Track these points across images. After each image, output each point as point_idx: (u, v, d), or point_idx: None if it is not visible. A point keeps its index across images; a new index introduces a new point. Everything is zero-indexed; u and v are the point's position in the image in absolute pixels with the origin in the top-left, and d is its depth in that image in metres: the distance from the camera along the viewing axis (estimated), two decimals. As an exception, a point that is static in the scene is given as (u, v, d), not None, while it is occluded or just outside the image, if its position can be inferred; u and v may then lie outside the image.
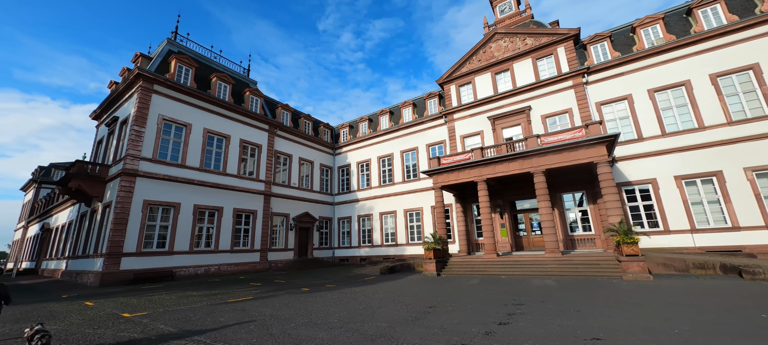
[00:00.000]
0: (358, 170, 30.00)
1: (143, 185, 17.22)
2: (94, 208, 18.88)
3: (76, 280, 17.94)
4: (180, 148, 19.30)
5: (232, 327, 6.68)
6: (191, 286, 14.68)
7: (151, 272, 16.53)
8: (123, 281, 15.66)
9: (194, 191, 19.42)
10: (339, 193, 30.91)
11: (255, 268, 21.95)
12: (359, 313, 7.71)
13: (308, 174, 28.92)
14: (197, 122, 20.34)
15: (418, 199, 25.38)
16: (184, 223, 18.58)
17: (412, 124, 26.92)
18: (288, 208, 25.87)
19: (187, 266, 18.32)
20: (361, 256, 27.56)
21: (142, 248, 16.66)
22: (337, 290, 12.09)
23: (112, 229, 15.77)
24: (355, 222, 28.79)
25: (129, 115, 18.27)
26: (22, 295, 12.95)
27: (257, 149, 24.04)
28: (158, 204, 17.72)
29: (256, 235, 22.55)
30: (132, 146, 17.05)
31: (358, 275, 17.61)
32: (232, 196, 21.53)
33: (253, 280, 16.89)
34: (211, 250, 19.67)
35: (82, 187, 17.34)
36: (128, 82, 18.61)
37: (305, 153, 28.89)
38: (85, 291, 13.70)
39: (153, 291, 13.04)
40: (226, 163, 21.54)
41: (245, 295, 11.46)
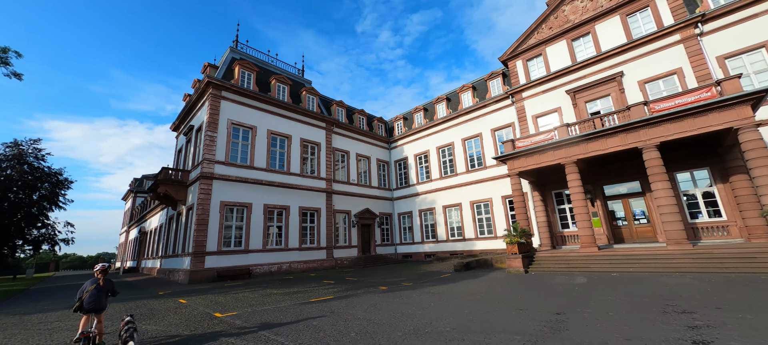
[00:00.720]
0: (416, 163, 28.71)
1: (219, 187, 18.01)
2: (179, 211, 20.40)
3: (169, 278, 19.56)
4: (248, 150, 19.94)
5: (329, 333, 5.87)
6: (268, 283, 14.80)
7: (232, 270, 17.19)
8: (208, 278, 16.46)
9: (263, 191, 19.93)
10: (397, 188, 29.97)
11: (322, 265, 21.98)
12: (470, 320, 6.43)
13: (366, 170, 28.45)
14: (261, 124, 20.87)
15: (485, 190, 23.26)
16: (256, 222, 19.13)
17: (473, 109, 24.81)
18: (349, 205, 25.62)
19: (262, 264, 18.82)
20: (425, 253, 26.29)
21: (221, 247, 17.42)
22: (419, 289, 10.97)
23: (195, 229, 16.67)
24: (416, 217, 27.60)
25: (202, 122, 19.30)
26: (128, 291, 14.17)
27: (316, 147, 24.11)
28: (233, 204, 18.42)
29: (321, 233, 22.59)
30: (207, 151, 17.90)
31: (431, 273, 16.36)
32: (297, 195, 21.77)
33: (324, 277, 16.63)
34: (282, 248, 20.03)
35: (168, 191, 18.77)
36: (200, 91, 19.69)
37: (362, 149, 28.45)
38: (177, 288, 14.52)
39: (236, 289, 13.28)
40: (290, 163, 21.85)
41: (325, 293, 10.92)
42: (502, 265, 16.72)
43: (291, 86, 24.10)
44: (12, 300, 13.25)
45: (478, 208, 23.71)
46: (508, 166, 17.60)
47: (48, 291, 17.04)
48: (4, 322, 8.43)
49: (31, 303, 11.94)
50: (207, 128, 18.22)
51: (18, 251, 33.00)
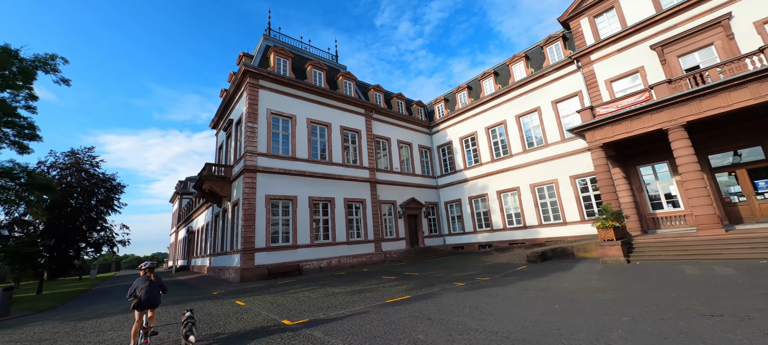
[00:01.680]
0: (462, 147, 26.39)
1: (263, 180, 17.09)
2: (224, 208, 19.90)
3: (219, 276, 19.16)
4: (288, 140, 18.88)
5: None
6: (323, 280, 13.57)
7: (281, 267, 16.25)
8: (258, 276, 15.62)
9: (307, 183, 18.82)
10: (442, 175, 27.88)
11: (371, 260, 20.62)
12: (612, 325, 4.45)
13: (408, 157, 26.65)
14: (300, 113, 19.73)
15: (548, 170, 20.56)
16: (302, 216, 18.08)
17: (527, 81, 22.02)
18: (393, 195, 24.01)
19: (311, 260, 17.77)
20: (479, 243, 24.10)
21: (270, 243, 16.52)
22: (508, 285, 9.03)
23: (243, 225, 15.86)
24: (466, 205, 25.41)
25: (241, 114, 18.48)
26: (181, 291, 13.61)
27: (356, 135, 22.66)
28: (278, 198, 17.46)
29: (367, 226, 21.20)
30: (248, 143, 17.01)
31: (500, 265, 14.29)
32: (341, 186, 20.49)
33: (380, 272, 15.15)
34: (329, 242, 18.87)
35: (213, 188, 18.21)
36: (236, 82, 18.87)
37: (402, 135, 26.64)
38: (229, 287, 13.71)
39: (291, 287, 12.13)
40: (331, 152, 20.58)
41: (396, 292, 9.33)
42: (587, 254, 14.25)
43: (327, 72, 22.77)
44: (72, 303, 13.10)
45: (540, 192, 21.06)
46: (587, 138, 14.95)
47: (106, 292, 17.11)
48: (57, 329, 7.70)
49: (89, 306, 11.52)
50: (247, 119, 17.32)
51: (82, 253, 35.23)
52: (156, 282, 5.43)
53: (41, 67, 18.66)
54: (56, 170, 32.31)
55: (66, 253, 33.08)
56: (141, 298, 5.13)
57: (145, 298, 5.17)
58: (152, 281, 5.36)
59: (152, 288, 5.29)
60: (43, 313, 10.73)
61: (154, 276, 5.48)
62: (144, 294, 5.17)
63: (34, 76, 18.44)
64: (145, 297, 5.17)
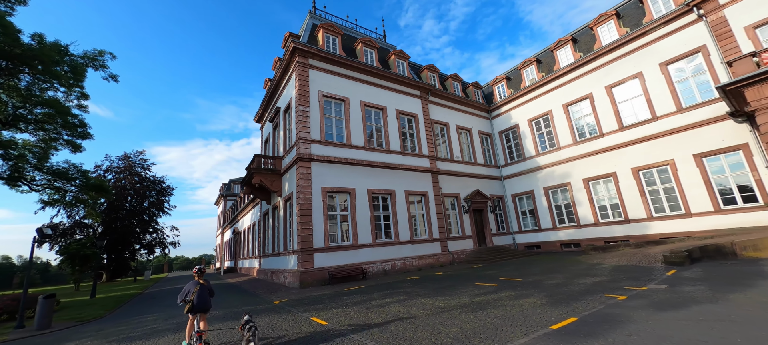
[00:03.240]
0: (532, 130, 22.71)
1: (319, 171, 14.95)
2: (275, 205, 18.13)
3: (272, 279, 17.37)
4: (343, 126, 16.65)
5: None
6: (399, 286, 10.99)
7: (343, 270, 13.95)
8: (320, 281, 13.44)
9: (365, 174, 16.45)
10: (507, 164, 24.35)
11: (439, 261, 17.79)
12: None
13: (468, 144, 23.49)
14: (353, 95, 17.44)
15: (659, 149, 16.44)
16: (361, 211, 15.71)
17: (621, 43, 17.98)
18: (456, 187, 21.01)
19: (374, 261, 15.33)
20: (561, 241, 20.34)
21: (329, 243, 14.30)
22: (705, 302, 5.76)
23: (299, 222, 13.77)
24: (540, 197, 21.72)
25: (291, 99, 16.56)
26: (237, 297, 11.74)
27: (413, 120, 19.98)
28: (335, 191, 15.25)
29: (431, 222, 18.40)
30: (301, 128, 14.95)
31: (623, 268, 10.80)
32: (401, 177, 17.90)
33: (462, 276, 12.27)
34: (392, 241, 16.33)
35: (263, 182, 16.44)
36: (284, 64, 16.99)
37: (461, 120, 23.55)
38: (290, 294, 11.58)
39: (367, 296, 9.67)
40: (388, 139, 18.07)
41: (533, 309, 6.44)
42: (759, 253, 10.32)
43: (378, 51, 20.33)
44: (121, 311, 11.69)
45: (648, 177, 16.96)
46: (749, 96, 11.01)
47: (158, 296, 15.88)
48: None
49: (137, 317, 9.85)
50: (298, 102, 15.29)
51: (136, 255, 36.08)
52: (206, 286, 5.43)
53: (90, 63, 18.08)
54: (111, 174, 33.17)
55: (122, 254, 33.89)
56: (194, 302, 5.15)
57: (198, 302, 5.19)
58: (203, 285, 5.38)
59: (203, 292, 5.30)
60: (88, 325, 9.17)
61: (204, 280, 5.48)
62: (196, 298, 5.19)
63: (84, 72, 17.86)
64: (197, 301, 5.19)
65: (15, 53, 13.72)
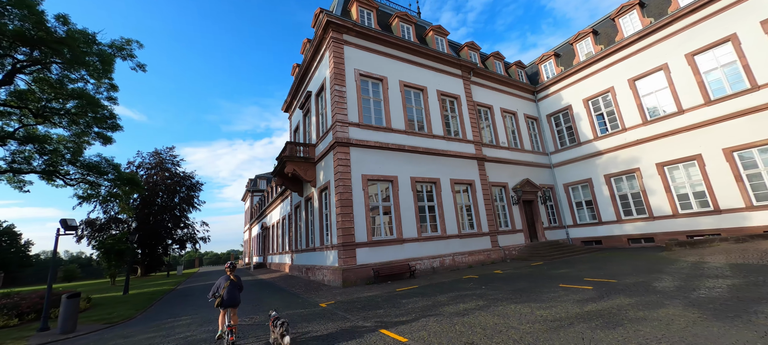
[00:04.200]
0: (588, 111, 20.11)
1: (358, 156, 13.42)
2: (308, 196, 16.83)
3: (307, 276, 16.11)
4: (381, 107, 15.02)
5: None
6: (458, 287, 9.26)
7: (390, 267, 12.39)
8: (364, 279, 11.94)
9: (407, 160, 14.77)
10: (557, 150, 21.86)
11: (490, 258, 15.86)
12: None
13: (514, 129, 21.23)
14: (391, 74, 15.74)
15: (762, 124, 13.62)
16: (405, 202, 14.06)
17: (708, 1, 15.15)
18: (503, 176, 18.91)
19: (421, 258, 13.66)
20: (628, 236, 17.78)
21: (372, 237, 12.76)
22: None
23: (339, 213, 12.31)
24: (600, 186, 19.18)
25: (324, 80, 15.12)
26: (276, 297, 10.45)
27: (455, 102, 18.03)
28: (376, 179, 13.68)
29: (479, 214, 16.48)
30: (337, 110, 13.45)
31: (752, 270, 8.45)
32: (445, 164, 16.08)
33: (532, 276, 10.33)
34: (439, 235, 14.58)
35: (296, 171, 15.12)
36: (316, 42, 15.54)
37: (506, 102, 21.30)
38: (335, 294, 10.14)
39: (428, 299, 8.01)
40: (430, 122, 16.26)
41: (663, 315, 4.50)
42: None
43: (415, 27, 18.49)
44: (152, 310, 10.71)
45: (745, 159, 14.16)
46: None
47: (191, 294, 15.01)
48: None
49: (169, 320, 8.72)
50: (333, 82, 13.79)
51: (169, 250, 36.45)
52: (236, 282, 5.49)
53: (118, 53, 17.49)
54: (143, 170, 33.45)
55: (155, 250, 34.25)
56: (223, 297, 5.23)
57: (227, 297, 5.28)
58: (233, 281, 5.45)
59: (233, 288, 5.38)
60: (115, 328, 8.10)
61: (235, 276, 5.55)
62: (226, 293, 5.27)
63: (112, 62, 17.24)
64: (227, 296, 5.27)
65: (41, 38, 13.05)
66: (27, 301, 9.57)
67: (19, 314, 9.28)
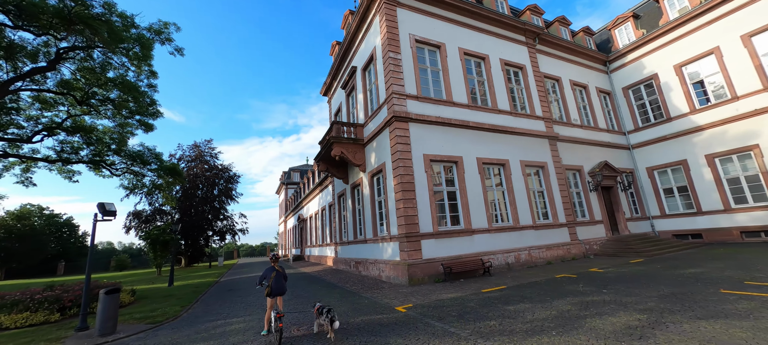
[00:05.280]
0: (682, 79, 16.72)
1: (418, 134, 11.54)
2: (355, 182, 15.24)
3: (358, 271, 14.58)
4: (440, 78, 12.97)
5: None
6: (560, 288, 7.14)
7: (461, 262, 10.48)
8: (433, 276, 10.13)
9: (471, 139, 12.67)
10: (638, 129, 18.61)
11: (569, 253, 13.43)
12: None
13: (585, 105, 18.31)
14: (449, 41, 13.61)
15: None
16: (472, 186, 12.01)
17: None
18: (577, 158, 16.22)
19: (493, 252, 11.58)
20: (742, 228, 14.48)
21: (437, 227, 10.87)
22: None
23: (399, 199, 10.53)
24: (699, 168, 15.89)
25: (374, 49, 13.32)
26: (332, 294, 8.93)
27: (520, 73, 15.55)
28: (438, 159, 11.73)
29: (554, 202, 14.04)
30: (393, 80, 11.59)
31: None
32: (513, 143, 13.77)
33: (652, 276, 7.92)
34: (510, 226, 12.40)
35: (344, 154, 13.52)
36: (363, 7, 13.72)
37: (575, 73, 18.39)
38: (404, 294, 8.41)
39: (534, 301, 6.03)
40: (494, 95, 13.97)
41: None
42: None
43: (470, -10, 16.11)
44: (201, 305, 9.59)
45: None
46: None
47: (236, 287, 14.01)
48: None
49: (219, 321, 7.43)
50: (387, 48, 11.93)
51: (210, 241, 36.98)
52: (281, 272, 5.64)
53: (156, 37, 16.80)
54: (183, 162, 33.87)
55: (197, 241, 34.77)
56: (272, 286, 5.45)
57: (275, 286, 5.48)
58: (278, 271, 5.60)
59: (279, 277, 5.56)
60: (160, 330, 6.89)
61: (279, 266, 5.72)
62: (274, 282, 5.48)
63: (151, 46, 16.59)
64: (275, 286, 5.48)
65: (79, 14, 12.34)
66: (70, 293, 8.74)
67: (62, 308, 8.45)
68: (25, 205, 46.87)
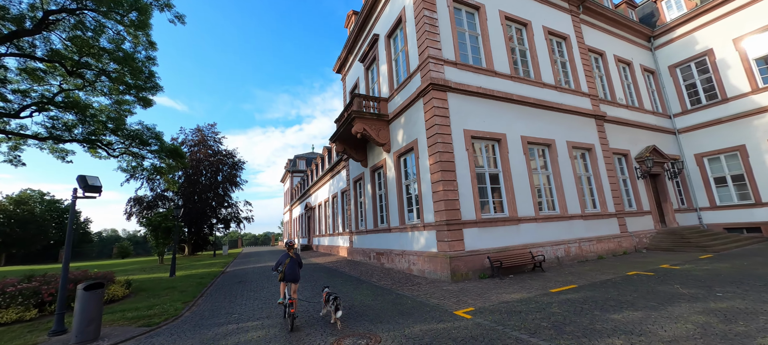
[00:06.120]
0: (743, 55, 14.86)
1: (457, 106, 9.91)
2: (376, 165, 13.66)
3: (380, 263, 13.10)
4: (478, 44, 11.26)
5: None
6: (642, 287, 5.59)
7: (508, 255, 8.98)
8: (477, 271, 8.61)
9: (515, 115, 11.02)
10: (686, 112, 16.82)
11: (621, 246, 11.88)
12: None
13: (630, 83, 16.52)
14: (489, 1, 11.81)
15: None
16: (517, 168, 10.42)
17: None
18: (622, 141, 14.54)
19: (542, 244, 10.06)
20: (815, 221, 12.84)
21: (481, 214, 9.32)
22: None
23: (438, 181, 8.95)
24: (762, 155, 14.15)
25: (401, 12, 11.61)
26: (357, 290, 7.45)
27: (564, 43, 13.77)
28: (479, 137, 10.11)
29: (603, 189, 12.43)
30: (429, 41, 9.90)
31: None
32: (559, 121, 12.12)
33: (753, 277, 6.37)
34: (558, 215, 10.84)
35: (366, 131, 11.91)
36: (391, -35, 11.92)
37: (619, 48, 16.55)
38: (457, 294, 6.94)
39: (618, 303, 4.48)
40: (538, 67, 12.25)
41: None
42: None
43: (507, -51, 14.22)
44: (206, 300, 8.14)
45: None
46: None
47: (245, 278, 12.62)
48: None
49: (230, 325, 5.98)
50: (421, 5, 10.19)
51: (214, 229, 35.74)
52: (296, 259, 5.74)
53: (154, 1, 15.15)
54: (186, 147, 32.41)
55: (201, 228, 33.53)
56: (285, 272, 5.55)
57: (289, 272, 5.56)
58: (293, 258, 5.70)
59: (293, 264, 5.66)
60: (156, 333, 5.45)
61: (294, 253, 5.79)
62: (287, 268, 5.58)
63: (149, 13, 14.97)
64: (288, 271, 5.56)
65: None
66: (51, 285, 7.31)
67: (41, 303, 7.03)
68: (24, 190, 45.85)
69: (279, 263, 5.70)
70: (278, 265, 5.67)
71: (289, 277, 5.50)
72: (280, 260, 5.72)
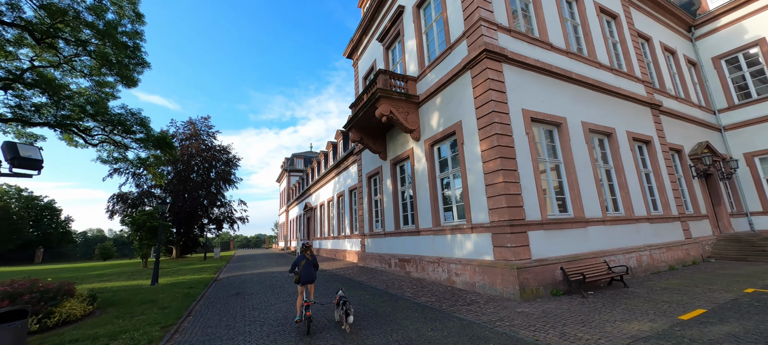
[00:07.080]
0: (802, 42, 13.42)
1: (514, 81, 8.08)
2: (399, 157, 11.72)
3: (404, 272, 11.11)
4: (530, 12, 9.50)
5: None
6: None
7: (578, 265, 7.09)
8: (548, 286, 6.73)
9: (574, 96, 9.26)
10: (732, 107, 15.32)
11: (688, 255, 10.17)
12: None
13: (675, 72, 14.98)
14: (538, -33, 10.08)
15: None
16: (580, 159, 8.63)
17: None
18: (677, 136, 12.92)
19: (612, 251, 8.24)
20: None
21: (546, 215, 7.46)
22: None
23: (495, 171, 7.09)
24: (830, 152, 12.65)
25: (438, -25, 9.76)
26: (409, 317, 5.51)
27: (614, 22, 12.14)
28: (540, 120, 8.29)
29: (665, 188, 10.73)
30: (480, 1, 8.06)
31: None
32: (617, 108, 10.41)
33: None
34: (623, 217, 9.05)
35: (393, 114, 9.99)
36: None
37: (665, 36, 15.02)
38: (540, 319, 5.10)
39: None
40: (591, 44, 10.54)
41: None
42: None
43: None
44: (194, 322, 6.08)
45: None
46: None
47: (244, 290, 10.52)
48: None
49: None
50: (468, -38, 8.37)
51: (205, 230, 33.28)
52: (311, 261, 5.66)
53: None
54: (177, 140, 30.04)
55: (191, 229, 31.11)
56: (301, 274, 5.47)
57: (304, 274, 5.50)
58: (309, 260, 5.62)
59: (309, 266, 5.59)
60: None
61: (310, 255, 5.70)
62: (303, 270, 5.50)
63: (135, -24, 12.85)
64: (304, 273, 5.50)
65: None
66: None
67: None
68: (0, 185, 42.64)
69: (295, 265, 5.60)
70: (294, 266, 5.59)
71: (305, 278, 5.46)
72: (296, 262, 5.63)
